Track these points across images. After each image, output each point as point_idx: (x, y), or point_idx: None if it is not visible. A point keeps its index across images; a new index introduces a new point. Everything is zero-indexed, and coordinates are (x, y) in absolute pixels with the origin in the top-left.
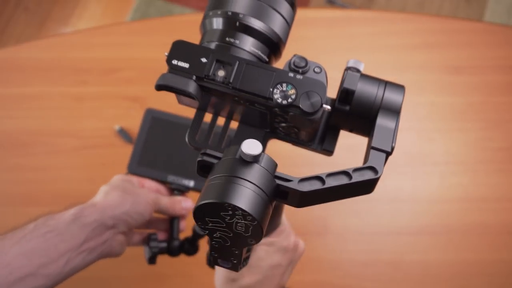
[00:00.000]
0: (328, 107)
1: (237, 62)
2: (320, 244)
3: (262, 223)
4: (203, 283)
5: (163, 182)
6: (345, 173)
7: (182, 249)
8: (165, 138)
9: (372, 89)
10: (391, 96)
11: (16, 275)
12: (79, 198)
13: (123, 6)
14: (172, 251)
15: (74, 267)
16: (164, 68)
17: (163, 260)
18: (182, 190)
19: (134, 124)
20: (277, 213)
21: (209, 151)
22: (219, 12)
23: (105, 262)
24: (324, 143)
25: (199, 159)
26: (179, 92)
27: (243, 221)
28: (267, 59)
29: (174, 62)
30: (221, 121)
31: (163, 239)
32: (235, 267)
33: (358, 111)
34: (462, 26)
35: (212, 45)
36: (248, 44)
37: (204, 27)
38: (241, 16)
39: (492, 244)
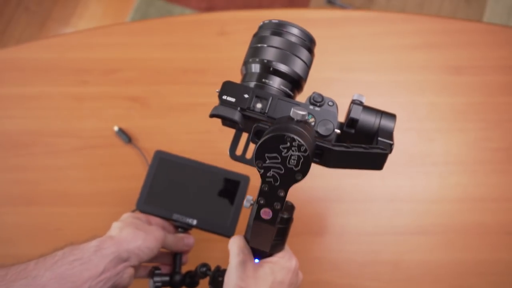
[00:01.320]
0: (338, 131)
1: (271, 98)
2: (320, 244)
3: (310, 157)
4: (203, 283)
5: (168, 219)
6: (363, 147)
7: (183, 283)
8: (172, 178)
9: (371, 117)
10: (385, 122)
11: None
12: (79, 198)
13: (124, 6)
14: (174, 285)
15: None
16: (164, 68)
17: None
18: (185, 228)
19: (134, 124)
20: (284, 234)
21: (262, 122)
22: (257, 60)
23: None
24: (321, 158)
25: (254, 125)
26: (228, 120)
27: (296, 153)
28: (291, 94)
29: (224, 97)
30: None
31: (166, 272)
32: (274, 219)
33: (361, 133)
34: (462, 26)
35: (251, 84)
36: (278, 83)
37: (246, 70)
38: (273, 63)
39: (491, 244)
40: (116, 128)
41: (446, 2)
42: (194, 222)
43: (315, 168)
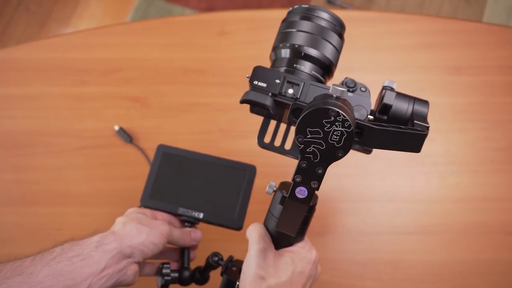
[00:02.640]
0: (371, 117)
1: (303, 83)
2: (320, 244)
3: (354, 134)
4: None
5: (174, 214)
6: (401, 127)
7: (193, 279)
8: (176, 172)
9: (404, 104)
10: (418, 108)
11: None
12: (79, 198)
13: (124, 7)
14: (183, 281)
15: None
16: (164, 68)
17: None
18: (192, 222)
19: (134, 124)
20: (307, 222)
21: (299, 101)
22: (287, 45)
23: None
24: (361, 138)
25: (292, 103)
26: (259, 105)
27: (340, 128)
28: (322, 79)
29: (255, 82)
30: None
31: (175, 268)
32: (309, 198)
33: (393, 120)
34: (462, 27)
35: (282, 69)
36: (309, 68)
37: (275, 55)
38: (304, 47)
39: (492, 244)
40: (116, 128)
41: (446, 2)
42: (201, 215)
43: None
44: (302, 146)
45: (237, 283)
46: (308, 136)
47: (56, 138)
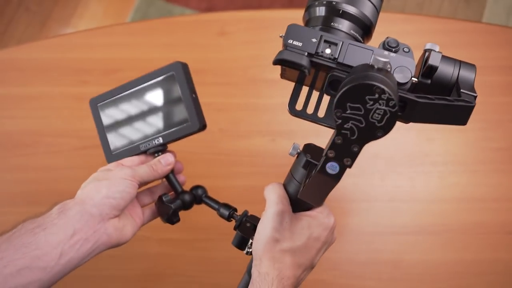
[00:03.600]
0: (416, 79)
1: (342, 42)
2: None
3: (397, 113)
4: (203, 283)
5: (139, 154)
6: (447, 99)
7: (194, 200)
8: (117, 116)
9: (450, 67)
10: (464, 73)
11: (11, 269)
12: None
13: (124, 7)
14: (186, 205)
15: (71, 259)
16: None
17: (163, 260)
18: (160, 151)
19: None
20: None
21: (336, 70)
22: (324, 2)
23: (106, 262)
24: (404, 112)
25: (330, 74)
26: (294, 65)
27: (383, 107)
28: (361, 39)
29: (290, 41)
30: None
31: (173, 197)
32: (340, 175)
33: (437, 85)
34: (462, 27)
35: (317, 28)
36: (347, 27)
37: (309, 14)
38: (341, 4)
39: (491, 244)
40: None
41: (445, 2)
42: (160, 140)
43: None
44: (340, 121)
45: (250, 240)
46: (347, 112)
47: (56, 138)
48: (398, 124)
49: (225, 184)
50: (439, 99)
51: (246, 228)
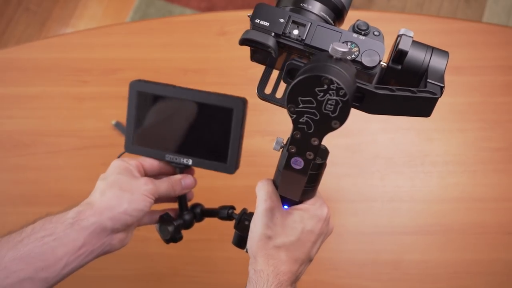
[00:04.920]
0: (384, 63)
1: (310, 23)
2: None
3: (349, 102)
4: (203, 283)
5: (161, 160)
6: (410, 90)
7: (195, 218)
8: (156, 114)
9: (421, 52)
10: (436, 60)
11: (13, 279)
12: (79, 198)
13: (124, 7)
14: (186, 225)
15: (72, 269)
16: (164, 68)
17: (163, 260)
18: (182, 168)
19: None
20: (316, 180)
21: (295, 58)
22: None
23: (105, 262)
24: (362, 103)
25: (288, 62)
26: (260, 45)
27: (334, 97)
28: (332, 23)
29: (257, 21)
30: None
31: (174, 215)
32: (306, 169)
33: (407, 71)
34: (462, 27)
35: (287, 9)
36: (318, 8)
37: None
38: None
39: (490, 244)
40: (113, 122)
41: (445, 2)
42: (190, 162)
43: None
44: (295, 116)
45: None
46: (300, 106)
47: (56, 138)
48: (398, 124)
49: (225, 184)
50: (401, 90)
51: (244, 226)
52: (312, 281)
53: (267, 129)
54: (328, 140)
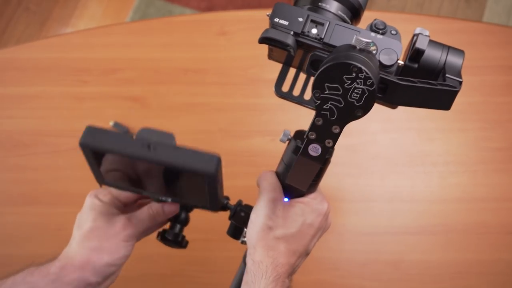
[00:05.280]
0: (402, 62)
1: (328, 22)
2: (319, 243)
3: (375, 93)
4: (203, 283)
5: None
6: (430, 83)
7: (186, 210)
8: (117, 164)
9: (437, 51)
10: (452, 58)
11: None
12: (79, 198)
13: (123, 6)
14: (185, 223)
15: None
16: (164, 68)
17: (163, 260)
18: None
19: (134, 124)
20: (318, 179)
21: (319, 50)
22: None
23: None
24: (385, 94)
25: (312, 54)
26: (279, 44)
27: (361, 86)
28: (350, 22)
29: (276, 19)
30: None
31: (169, 228)
32: (322, 157)
33: (424, 69)
34: (462, 27)
35: (305, 8)
36: (335, 8)
37: None
38: None
39: (491, 244)
40: (112, 123)
41: (446, 2)
42: (169, 200)
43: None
44: (319, 102)
45: (245, 229)
46: (326, 92)
47: (56, 138)
48: (399, 124)
49: (224, 184)
50: (422, 82)
51: (240, 217)
52: (312, 281)
53: (267, 129)
54: None
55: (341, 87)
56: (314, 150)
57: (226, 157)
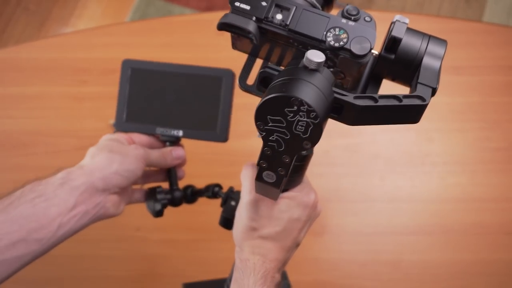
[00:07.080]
0: (376, 52)
1: (295, 7)
2: (319, 244)
3: (322, 124)
4: None
5: (152, 135)
6: (395, 97)
7: (184, 199)
8: (148, 89)
9: (417, 40)
10: (433, 49)
11: (6, 241)
12: None
13: (123, 6)
14: (175, 202)
15: (68, 231)
16: None
17: (163, 260)
18: (172, 141)
19: None
20: (301, 170)
21: (270, 65)
22: None
23: (106, 263)
24: (366, 92)
25: (261, 70)
26: (239, 31)
27: (305, 119)
28: (320, 8)
29: (237, 4)
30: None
31: (165, 189)
32: (278, 183)
33: (402, 60)
34: (461, 26)
35: None
36: None
37: None
38: None
39: (490, 244)
40: (111, 121)
41: (445, 2)
42: (180, 133)
43: (314, 167)
44: (264, 133)
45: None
46: (269, 124)
47: (56, 138)
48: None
49: (224, 184)
50: (384, 98)
51: (230, 207)
52: (312, 281)
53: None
54: (328, 140)
55: (284, 120)
56: (269, 177)
57: (226, 157)
